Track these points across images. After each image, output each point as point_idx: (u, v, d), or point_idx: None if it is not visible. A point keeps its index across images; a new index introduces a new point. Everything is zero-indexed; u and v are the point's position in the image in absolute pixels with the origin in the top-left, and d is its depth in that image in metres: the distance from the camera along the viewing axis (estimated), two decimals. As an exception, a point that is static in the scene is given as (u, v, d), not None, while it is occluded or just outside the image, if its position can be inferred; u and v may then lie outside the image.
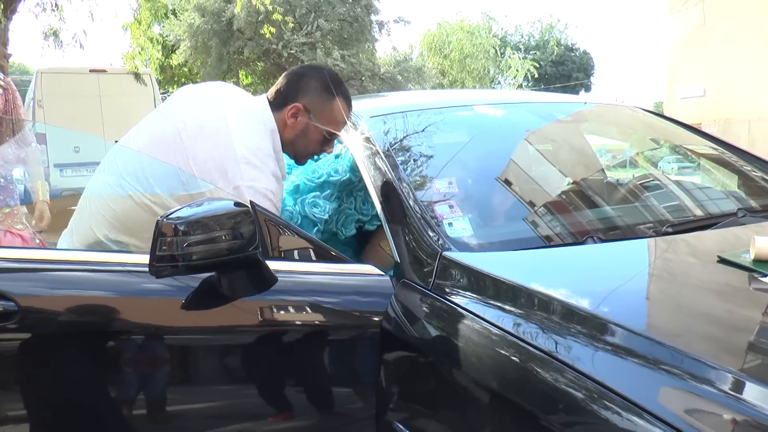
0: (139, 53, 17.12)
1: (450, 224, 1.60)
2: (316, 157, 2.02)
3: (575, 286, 1.31)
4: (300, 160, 1.98)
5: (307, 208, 1.95)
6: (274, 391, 1.57)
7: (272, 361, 1.53)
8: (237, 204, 1.42)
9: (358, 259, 2.00)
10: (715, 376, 0.94)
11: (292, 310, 1.51)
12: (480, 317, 1.27)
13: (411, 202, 1.62)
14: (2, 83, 2.76)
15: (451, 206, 1.66)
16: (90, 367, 1.52)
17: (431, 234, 1.53)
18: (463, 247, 1.51)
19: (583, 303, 1.20)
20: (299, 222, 1.96)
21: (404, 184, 1.68)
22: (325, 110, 1.88)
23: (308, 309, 1.51)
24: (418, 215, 1.59)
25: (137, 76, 9.76)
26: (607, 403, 0.97)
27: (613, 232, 1.68)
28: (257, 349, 1.53)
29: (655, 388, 0.97)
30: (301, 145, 1.92)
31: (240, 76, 22.46)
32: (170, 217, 1.33)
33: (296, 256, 1.59)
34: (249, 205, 1.44)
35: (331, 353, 1.53)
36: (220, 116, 1.80)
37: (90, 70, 9.58)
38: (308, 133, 1.89)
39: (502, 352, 1.19)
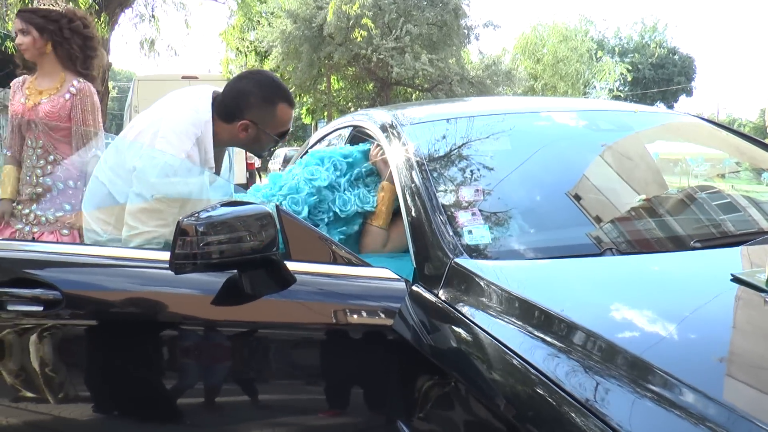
0: (234, 59, 17.84)
1: (470, 232, 1.60)
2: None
3: (578, 302, 1.29)
4: (260, 156, 2.31)
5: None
6: (284, 388, 1.63)
7: (285, 358, 1.60)
8: (259, 207, 1.50)
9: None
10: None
11: (307, 309, 1.56)
12: (480, 327, 1.27)
13: (431, 207, 1.64)
14: (73, 89, 2.78)
15: (473, 213, 1.66)
16: (124, 354, 1.65)
17: (446, 240, 1.54)
18: (477, 254, 1.52)
19: (578, 318, 1.19)
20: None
21: (428, 189, 1.69)
22: (270, 118, 2.12)
23: (323, 310, 1.56)
24: (437, 220, 1.60)
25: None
26: None
27: (635, 244, 1.62)
28: (270, 346, 1.60)
29: None
30: (257, 148, 2.25)
31: (331, 80, 22.93)
32: (191, 217, 1.42)
33: (315, 258, 1.64)
34: (272, 209, 1.52)
35: (343, 353, 1.58)
36: (162, 109, 2.13)
37: (182, 77, 10.09)
38: (261, 139, 2.16)
39: (491, 360, 1.20)
